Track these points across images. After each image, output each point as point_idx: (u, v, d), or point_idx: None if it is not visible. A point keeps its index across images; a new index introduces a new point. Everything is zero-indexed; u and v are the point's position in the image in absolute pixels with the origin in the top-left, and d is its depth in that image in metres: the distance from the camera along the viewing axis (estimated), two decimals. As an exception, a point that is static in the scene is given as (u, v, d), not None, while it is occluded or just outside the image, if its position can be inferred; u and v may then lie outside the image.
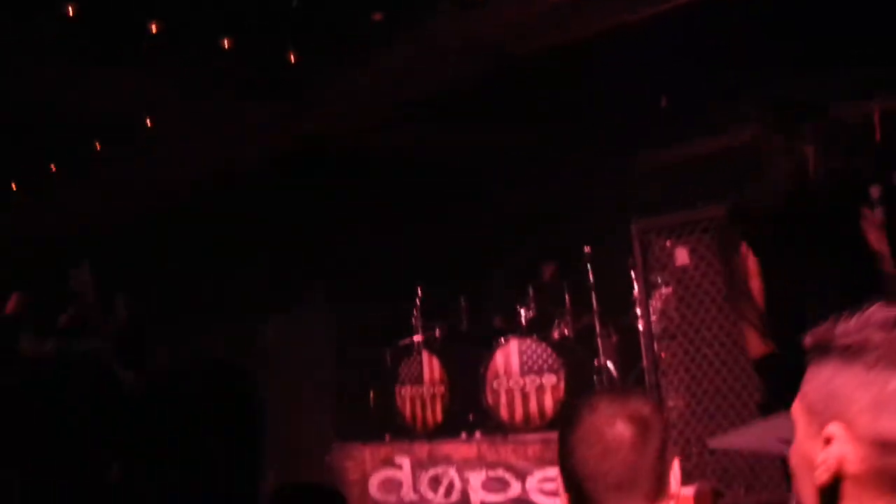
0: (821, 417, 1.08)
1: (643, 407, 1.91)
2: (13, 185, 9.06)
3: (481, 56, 7.53)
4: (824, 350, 1.13)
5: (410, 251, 9.79)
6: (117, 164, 8.85)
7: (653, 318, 7.23)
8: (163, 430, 1.65)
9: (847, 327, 1.10)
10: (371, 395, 9.61)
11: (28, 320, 6.30)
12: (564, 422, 1.99)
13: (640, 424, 1.85)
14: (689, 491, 6.41)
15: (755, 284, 4.10)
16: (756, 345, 4.06)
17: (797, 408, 1.15)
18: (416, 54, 7.43)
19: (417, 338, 9.11)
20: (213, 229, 9.98)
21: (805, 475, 1.10)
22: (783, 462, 5.99)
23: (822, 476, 1.06)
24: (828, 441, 1.06)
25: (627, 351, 8.26)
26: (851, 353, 1.07)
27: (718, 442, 6.23)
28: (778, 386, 3.75)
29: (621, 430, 1.85)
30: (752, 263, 4.13)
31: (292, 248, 9.95)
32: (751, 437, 4.47)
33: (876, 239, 3.91)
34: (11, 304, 6.26)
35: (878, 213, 3.95)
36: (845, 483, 1.05)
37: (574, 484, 1.90)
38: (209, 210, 9.82)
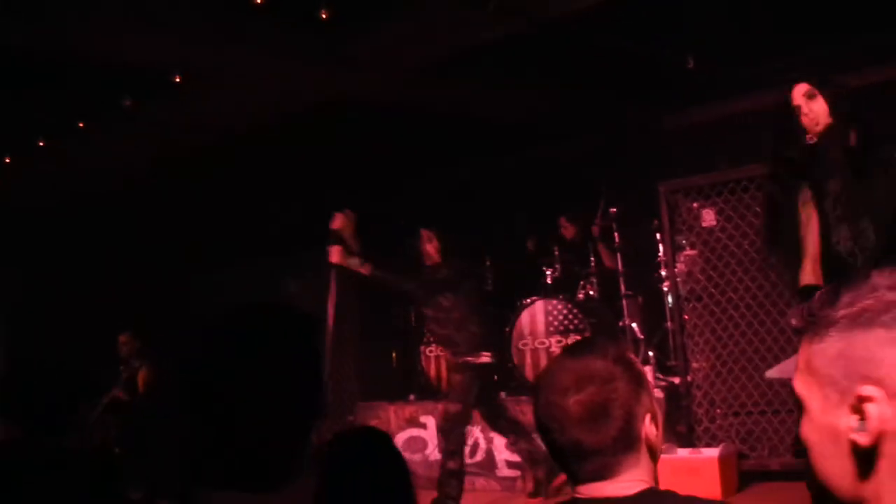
0: (841, 386, 1.09)
1: (601, 373, 1.89)
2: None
3: (510, 17, 7.47)
4: (825, 324, 1.14)
5: (433, 210, 9.77)
6: (151, 116, 8.90)
7: (678, 279, 7.20)
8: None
9: (854, 296, 1.12)
10: (394, 355, 9.65)
11: (345, 238, 6.70)
12: (535, 388, 1.99)
13: (597, 405, 1.84)
14: (713, 453, 6.42)
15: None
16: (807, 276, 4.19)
17: (804, 386, 1.16)
18: (445, 14, 7.38)
19: (443, 298, 9.10)
20: (241, 180, 10.06)
21: (831, 448, 1.11)
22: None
23: (864, 439, 1.07)
24: (861, 404, 1.07)
25: (653, 312, 8.23)
26: (867, 318, 1.09)
27: (775, 372, 6.28)
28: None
29: (575, 409, 1.85)
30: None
31: (315, 204, 10.00)
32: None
33: None
34: (338, 221, 6.70)
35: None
36: (884, 444, 1.07)
37: (555, 452, 1.93)
38: (240, 160, 9.88)
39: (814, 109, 4.20)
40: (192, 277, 11.43)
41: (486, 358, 6.81)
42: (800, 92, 4.25)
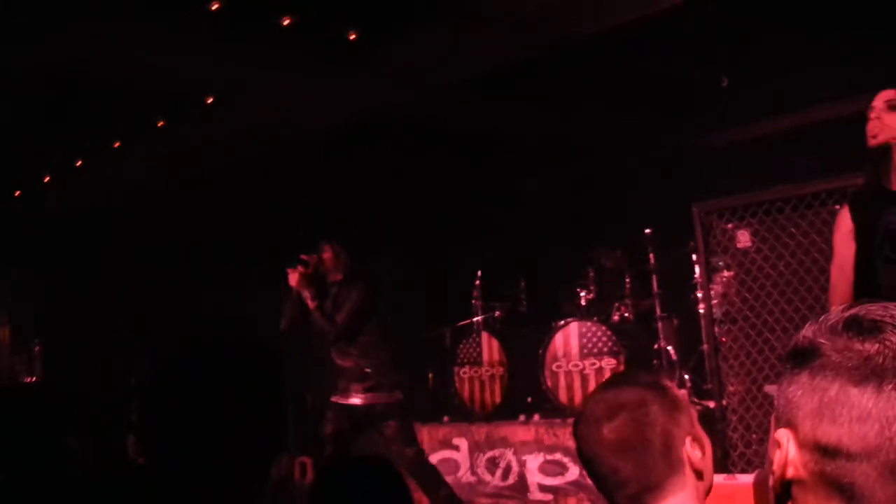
0: (778, 424, 1.10)
1: (633, 400, 1.89)
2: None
3: (540, 35, 7.45)
4: (786, 359, 1.14)
5: (471, 232, 9.76)
6: (183, 134, 8.97)
7: (714, 301, 7.12)
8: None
9: (803, 333, 1.11)
10: (430, 375, 9.62)
11: (312, 268, 6.37)
12: (574, 425, 1.99)
13: (631, 430, 1.85)
14: (749, 479, 6.31)
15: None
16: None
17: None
18: (472, 32, 7.38)
19: (477, 319, 9.10)
20: (277, 198, 10.07)
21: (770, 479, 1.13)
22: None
23: (771, 480, 1.08)
24: (778, 447, 1.07)
25: (688, 335, 8.15)
26: (802, 358, 1.08)
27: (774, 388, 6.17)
28: None
29: (609, 437, 1.87)
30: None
31: (355, 226, 10.02)
32: None
33: None
34: (323, 253, 6.50)
35: None
36: (793, 488, 1.07)
37: (598, 483, 1.90)
38: (270, 181, 9.91)
39: (884, 120, 3.97)
40: (214, 296, 11.44)
41: (398, 396, 6.38)
42: (884, 97, 4.02)
